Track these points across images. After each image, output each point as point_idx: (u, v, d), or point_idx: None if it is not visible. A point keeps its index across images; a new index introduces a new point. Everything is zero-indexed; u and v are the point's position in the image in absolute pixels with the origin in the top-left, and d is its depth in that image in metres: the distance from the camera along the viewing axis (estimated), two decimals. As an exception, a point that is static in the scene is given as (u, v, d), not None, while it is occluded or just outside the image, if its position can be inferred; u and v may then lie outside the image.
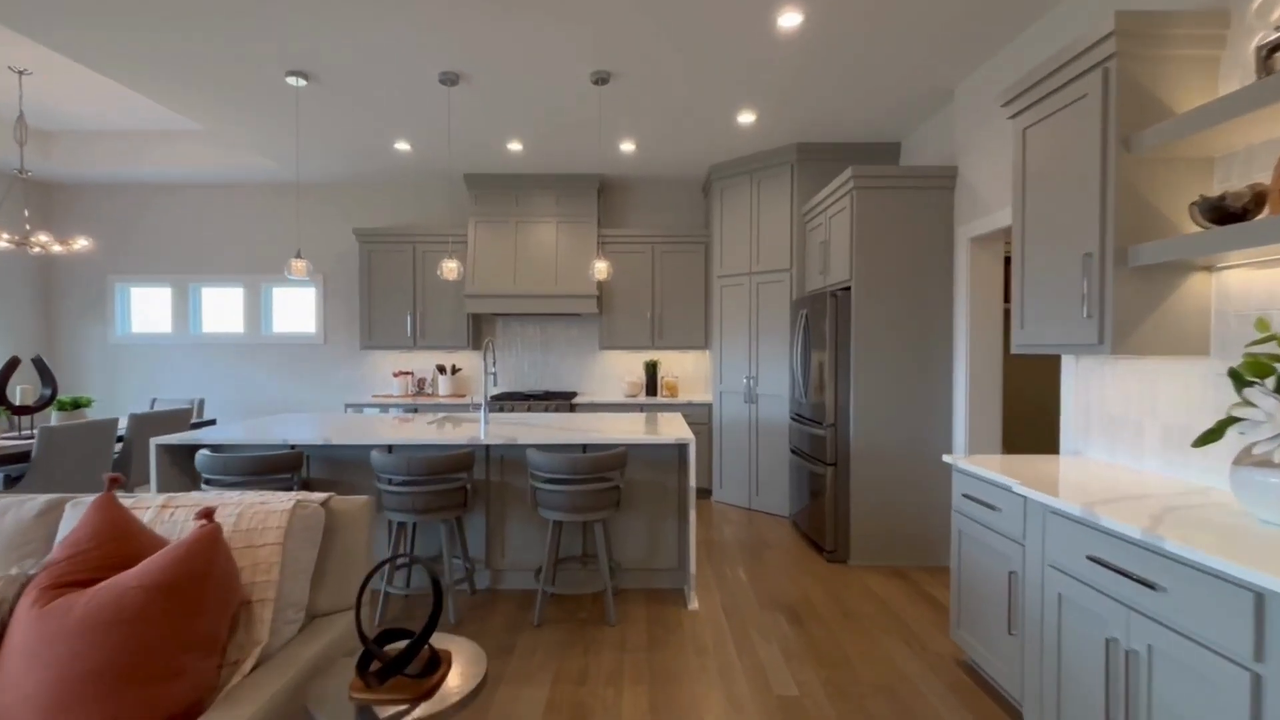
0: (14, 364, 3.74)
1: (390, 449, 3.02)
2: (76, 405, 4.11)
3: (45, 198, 5.66)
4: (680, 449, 3.19)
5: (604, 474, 2.69)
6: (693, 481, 2.94)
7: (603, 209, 5.51)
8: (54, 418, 4.06)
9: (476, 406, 5.08)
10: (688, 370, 5.47)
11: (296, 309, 5.76)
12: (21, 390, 3.81)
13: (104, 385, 5.76)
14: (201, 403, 4.83)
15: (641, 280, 5.15)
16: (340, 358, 5.58)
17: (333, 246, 5.62)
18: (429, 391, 5.44)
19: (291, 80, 3.40)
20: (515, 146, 4.45)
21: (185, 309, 5.70)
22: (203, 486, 2.75)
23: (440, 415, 3.84)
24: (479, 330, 5.44)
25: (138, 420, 3.94)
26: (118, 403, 5.73)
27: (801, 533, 4.08)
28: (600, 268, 3.75)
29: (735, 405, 4.76)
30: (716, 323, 4.91)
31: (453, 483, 2.74)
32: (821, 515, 3.66)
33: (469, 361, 5.55)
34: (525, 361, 5.54)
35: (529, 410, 4.77)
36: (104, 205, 5.72)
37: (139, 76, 3.38)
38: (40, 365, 3.91)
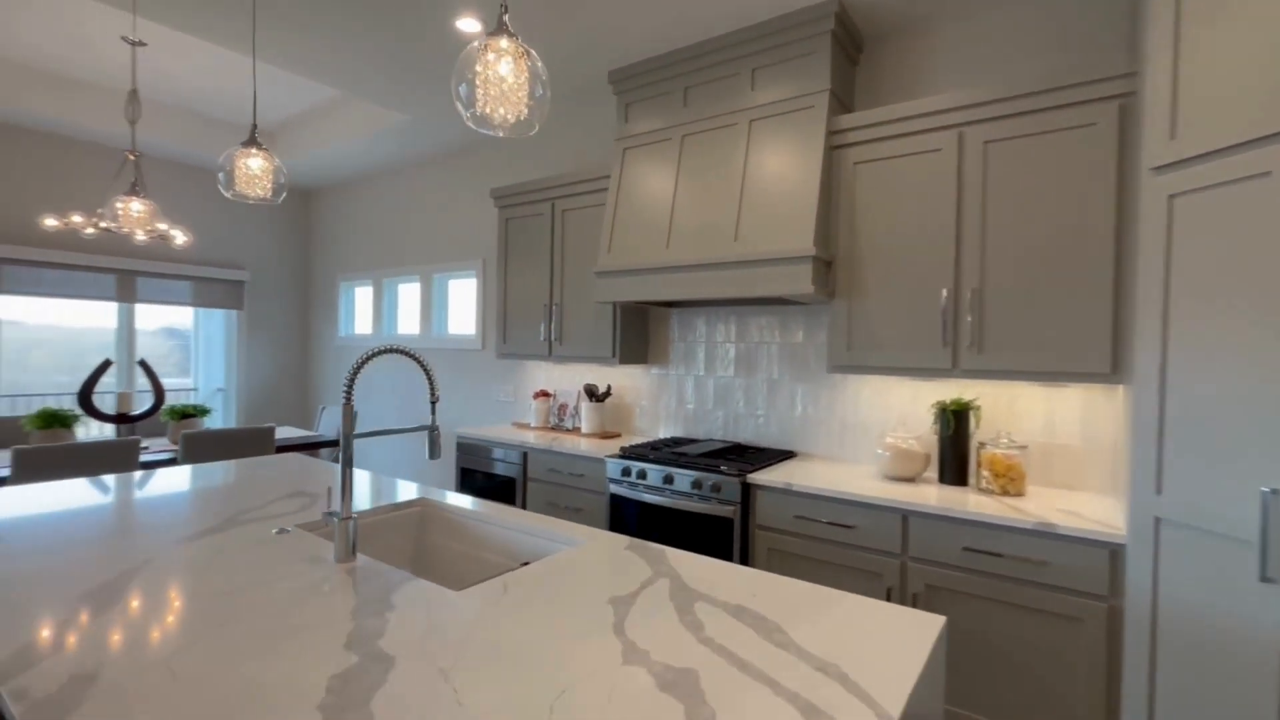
0: (105, 366, 3.31)
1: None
2: (185, 415, 3.58)
3: (302, 202, 5.88)
4: None
5: None
6: None
7: (847, 77, 2.78)
8: (169, 428, 3.61)
9: (635, 457, 3.00)
10: (1057, 428, 2.31)
11: (461, 305, 4.66)
12: (118, 398, 3.40)
13: (329, 388, 5.69)
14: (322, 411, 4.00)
15: (935, 211, 2.28)
16: (506, 367, 4.22)
17: (492, 225, 4.31)
18: (569, 425, 3.60)
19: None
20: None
21: (381, 307, 5.18)
22: None
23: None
24: (631, 330, 3.35)
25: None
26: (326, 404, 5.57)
27: None
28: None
29: (1206, 561, 1.53)
30: (1156, 308, 1.69)
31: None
32: None
33: (630, 381, 3.51)
34: (708, 386, 3.21)
35: (695, 495, 2.47)
36: (333, 203, 5.65)
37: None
38: (146, 369, 3.45)
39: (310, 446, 3.96)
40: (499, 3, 2.57)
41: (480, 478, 3.39)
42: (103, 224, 3.19)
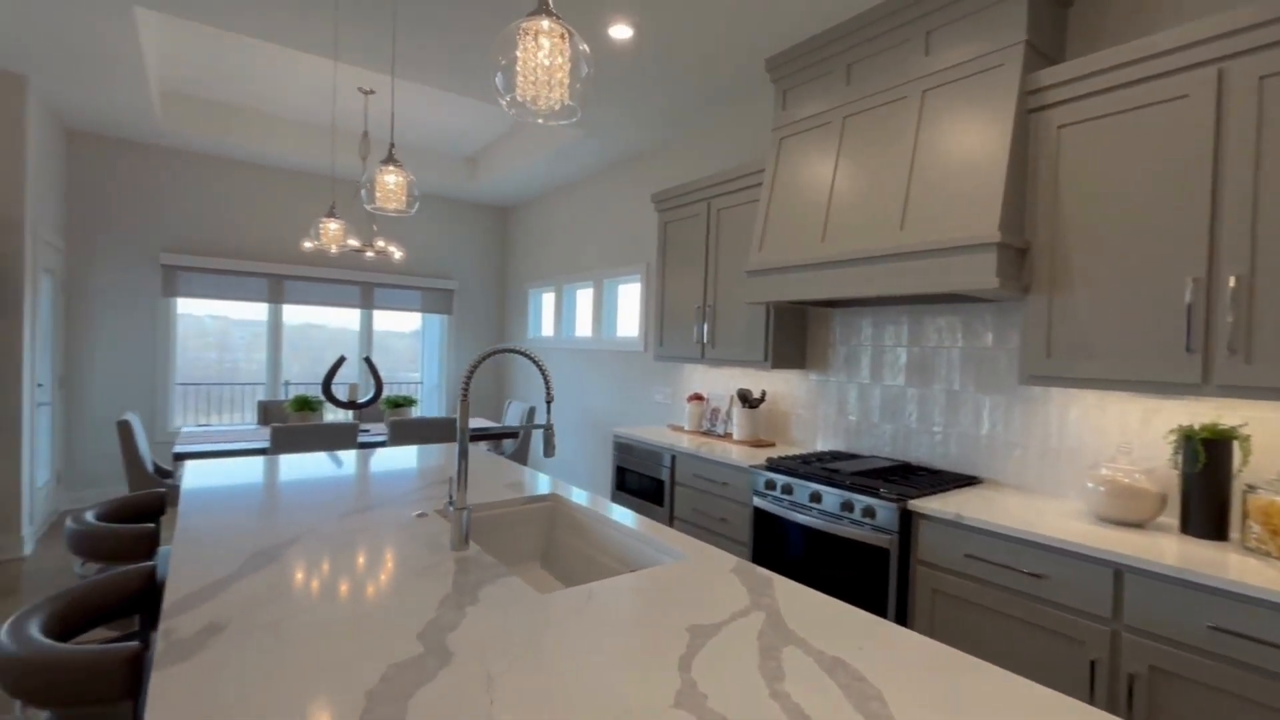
0: (340, 362, 4.01)
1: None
2: (397, 405, 4.20)
3: (500, 219, 6.57)
4: None
5: None
6: None
7: (1053, 23, 2.27)
8: (385, 414, 4.26)
9: (782, 470, 2.81)
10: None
11: (628, 309, 4.79)
12: (349, 388, 4.09)
13: (518, 385, 6.26)
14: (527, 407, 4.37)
15: (1177, 177, 1.75)
16: (666, 369, 4.26)
17: (656, 229, 4.36)
18: (720, 430, 3.47)
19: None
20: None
21: (561, 311, 5.56)
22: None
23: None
24: (787, 333, 3.12)
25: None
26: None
27: None
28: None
29: None
30: None
31: None
32: None
33: (787, 387, 3.28)
34: (874, 395, 2.85)
35: (845, 518, 2.24)
36: (523, 218, 6.20)
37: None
38: (370, 365, 4.11)
39: (494, 436, 4.38)
40: (637, 5, 2.57)
41: (633, 477, 3.44)
42: (347, 243, 3.87)
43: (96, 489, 4.66)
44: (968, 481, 2.35)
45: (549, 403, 1.56)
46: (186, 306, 5.08)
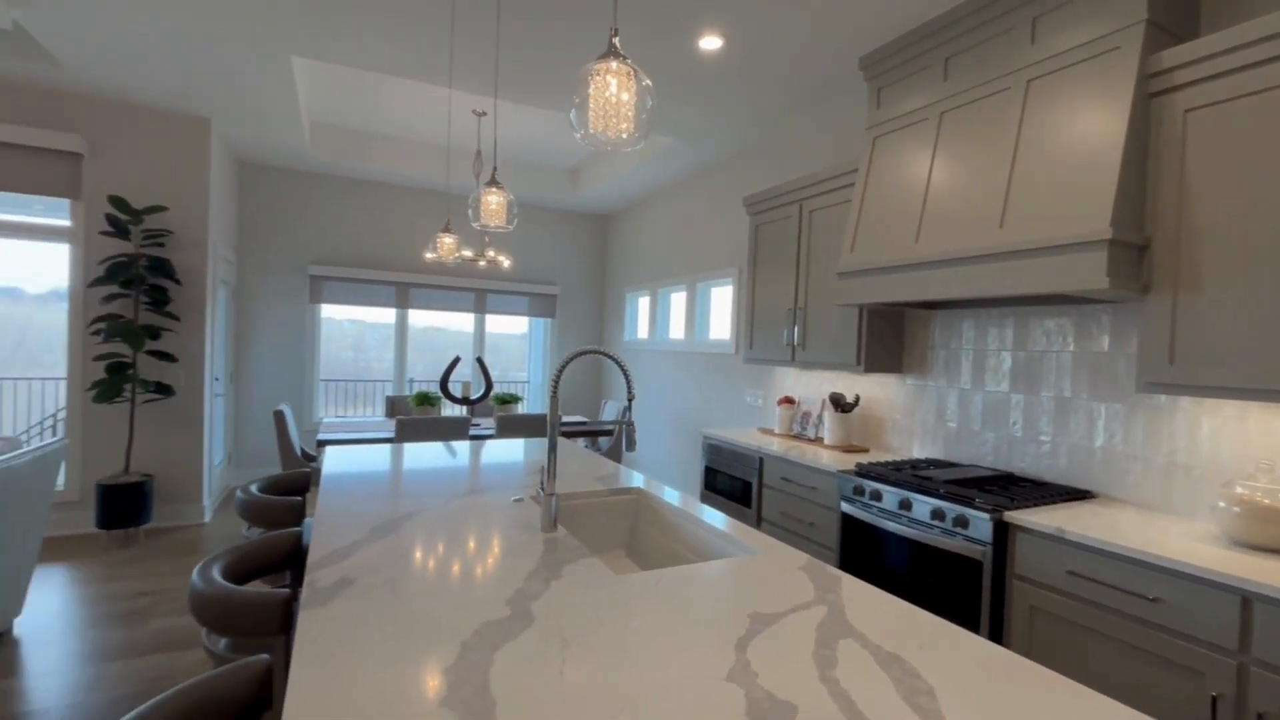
0: (456, 362, 4.39)
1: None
2: (504, 401, 4.54)
3: (599, 226, 6.83)
4: None
5: None
6: None
7: (1172, 5, 2.06)
8: (494, 410, 4.61)
9: (872, 476, 2.76)
10: None
11: (720, 311, 4.83)
12: (463, 385, 4.46)
13: (614, 385, 6.48)
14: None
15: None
16: (758, 372, 4.28)
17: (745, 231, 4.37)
18: (811, 434, 3.42)
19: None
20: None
21: (655, 314, 5.70)
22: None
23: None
24: (882, 336, 3.03)
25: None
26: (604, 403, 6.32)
27: None
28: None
29: None
30: None
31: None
32: None
33: (882, 391, 3.18)
34: (975, 401, 2.71)
35: (936, 527, 2.19)
36: (621, 225, 6.41)
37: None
38: (481, 365, 4.48)
39: (589, 433, 4.60)
40: (726, 17, 2.62)
41: (721, 478, 3.49)
42: (461, 253, 4.24)
43: (259, 469, 5.41)
44: (1078, 495, 2.19)
45: (630, 400, 1.67)
46: (328, 312, 5.76)
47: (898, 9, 2.51)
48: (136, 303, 3.91)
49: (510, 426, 4.08)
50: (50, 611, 2.87)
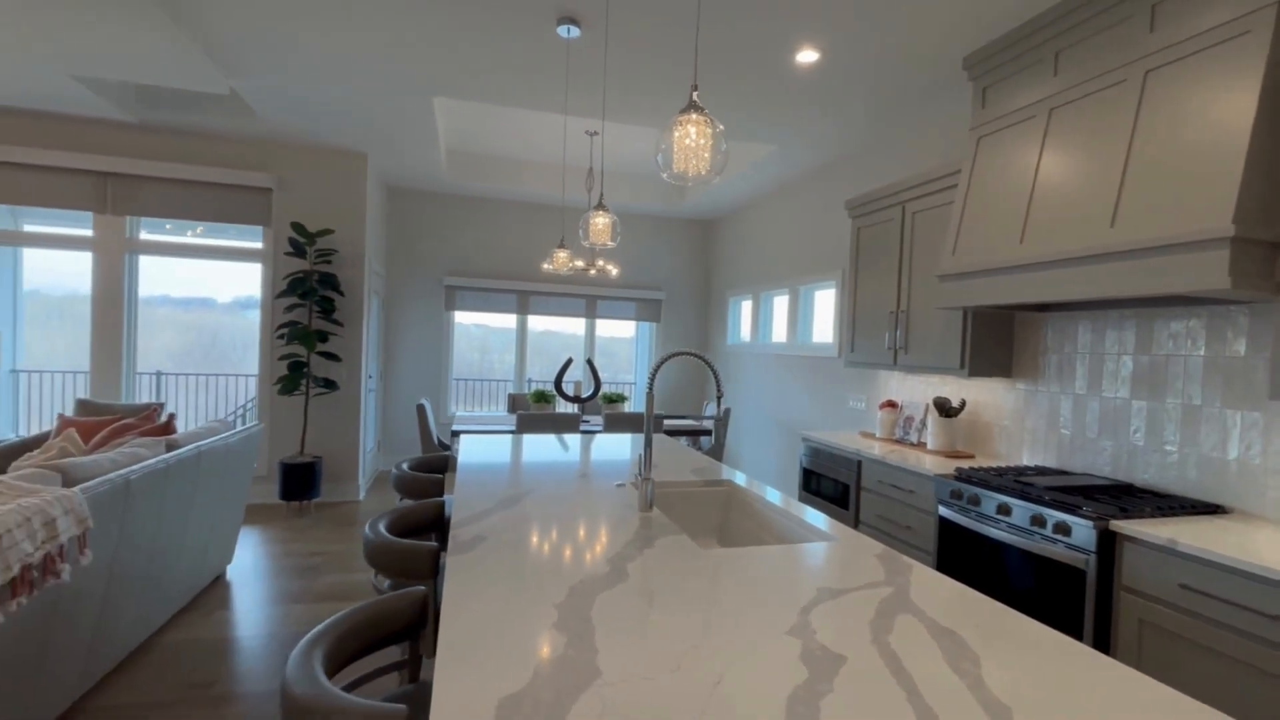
0: (568, 363, 4.77)
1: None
2: (611, 400, 4.86)
3: (703, 231, 7.00)
4: None
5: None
6: None
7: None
8: (602, 407, 4.94)
9: (972, 480, 2.71)
10: None
11: (822, 315, 4.82)
12: (574, 385, 4.82)
13: (713, 389, 6.61)
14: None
15: None
16: (860, 376, 4.26)
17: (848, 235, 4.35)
18: (914, 439, 3.36)
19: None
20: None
21: (758, 318, 5.77)
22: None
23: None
24: (989, 340, 2.95)
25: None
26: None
27: None
28: None
29: None
30: None
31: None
32: None
33: (990, 397, 3.08)
34: (1091, 408, 2.57)
35: (1036, 533, 2.16)
36: (724, 230, 6.53)
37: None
38: (590, 367, 4.83)
39: (689, 432, 4.79)
40: (823, 35, 2.71)
41: (820, 480, 3.53)
42: (573, 264, 4.61)
43: (402, 454, 6.15)
44: (1208, 509, 2.05)
45: (719, 398, 1.85)
46: (459, 318, 6.42)
47: (995, 6, 2.47)
48: (310, 311, 4.65)
49: (616, 423, 4.36)
50: (249, 562, 3.54)
